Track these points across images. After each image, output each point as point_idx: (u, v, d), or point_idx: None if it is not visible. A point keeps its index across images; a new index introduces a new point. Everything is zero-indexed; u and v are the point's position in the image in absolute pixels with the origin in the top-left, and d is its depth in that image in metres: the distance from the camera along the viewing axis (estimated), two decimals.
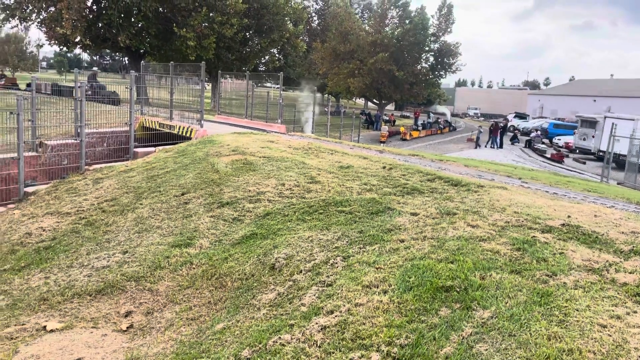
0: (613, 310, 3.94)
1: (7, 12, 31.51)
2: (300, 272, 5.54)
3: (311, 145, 12.13)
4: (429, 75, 51.25)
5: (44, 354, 5.08)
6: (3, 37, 79.04)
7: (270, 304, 5.11)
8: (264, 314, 4.92)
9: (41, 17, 32.30)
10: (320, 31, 61.05)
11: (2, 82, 38.07)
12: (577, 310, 3.97)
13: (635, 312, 3.93)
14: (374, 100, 56.31)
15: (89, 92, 19.39)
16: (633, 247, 5.07)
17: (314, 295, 4.92)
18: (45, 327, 5.61)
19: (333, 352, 3.94)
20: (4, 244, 8.18)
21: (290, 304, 4.96)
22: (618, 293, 4.22)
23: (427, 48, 50.37)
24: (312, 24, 63.50)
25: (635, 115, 30.53)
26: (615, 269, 4.62)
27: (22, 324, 5.69)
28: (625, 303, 4.06)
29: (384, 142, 35.34)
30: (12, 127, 11.69)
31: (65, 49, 36.34)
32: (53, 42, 33.26)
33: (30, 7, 31.55)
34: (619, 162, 24.40)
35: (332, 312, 4.48)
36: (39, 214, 9.30)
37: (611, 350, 3.47)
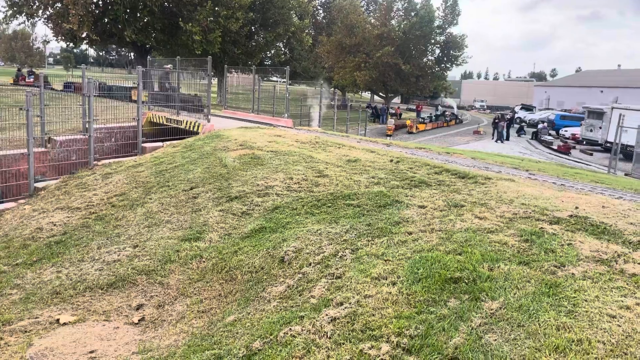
0: (622, 301, 3.96)
1: (15, 8, 31.64)
2: (310, 264, 5.59)
3: (318, 139, 12.16)
4: (435, 68, 51.11)
5: (58, 346, 5.15)
6: (10, 34, 79.48)
7: (280, 296, 5.16)
8: (274, 306, 4.98)
9: (48, 13, 32.44)
10: (325, 24, 60.91)
11: (32, 80, 36.30)
12: (586, 300, 3.99)
13: None
14: (380, 94, 56.23)
15: (156, 96, 17.30)
16: None
17: (324, 287, 4.97)
18: (58, 320, 5.68)
19: (343, 343, 3.99)
20: (15, 239, 8.28)
21: (300, 296, 5.01)
22: (627, 284, 4.23)
23: (433, 40, 50.19)
24: (318, 18, 63.31)
25: None
26: (624, 259, 4.64)
27: (36, 317, 5.78)
28: (634, 293, 4.08)
29: (390, 136, 35.33)
30: (21, 123, 11.79)
31: (72, 44, 36.43)
32: (60, 37, 33.41)
33: (37, 3, 31.67)
34: (627, 153, 24.29)
35: (341, 303, 4.53)
36: (49, 209, 9.39)
37: (620, 340, 3.49)
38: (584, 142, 35.50)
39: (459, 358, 3.57)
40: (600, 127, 33.27)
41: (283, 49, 48.88)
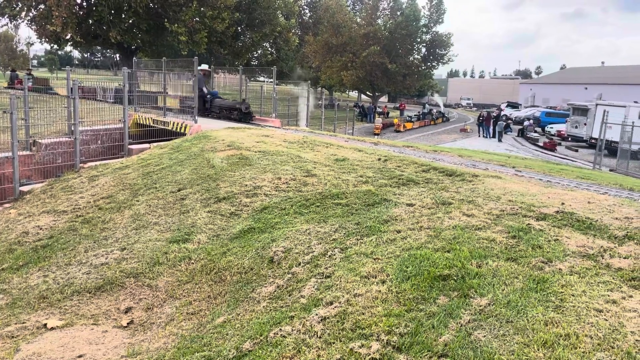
0: (608, 295, 4.00)
1: None
2: (299, 264, 5.58)
3: (306, 138, 12.14)
4: (422, 66, 51.38)
5: (45, 351, 5.10)
6: None
7: (270, 296, 5.15)
8: (264, 306, 4.96)
9: (31, 14, 32.05)
10: (312, 24, 60.90)
11: (30, 85, 32.93)
12: (573, 295, 4.03)
13: (630, 296, 3.99)
14: (367, 93, 56.41)
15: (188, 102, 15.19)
16: (627, 232, 5.13)
17: (313, 287, 4.96)
18: (45, 325, 5.63)
19: (333, 343, 3.99)
20: (1, 244, 8.18)
21: (289, 296, 5.00)
22: (613, 278, 4.28)
23: (419, 39, 50.47)
24: (304, 17, 63.31)
25: (626, 102, 30.71)
26: (610, 254, 4.69)
27: (23, 323, 5.71)
28: (620, 288, 4.12)
29: (378, 134, 35.45)
30: (5, 126, 11.64)
31: (56, 46, 36.05)
32: (44, 39, 33.02)
33: (20, 5, 31.28)
34: (611, 149, 24.54)
35: (331, 303, 4.53)
36: (35, 213, 9.29)
37: (607, 334, 3.53)
38: (570, 139, 35.84)
39: (449, 355, 3.58)
40: (585, 124, 33.60)
41: (270, 49, 48.76)
